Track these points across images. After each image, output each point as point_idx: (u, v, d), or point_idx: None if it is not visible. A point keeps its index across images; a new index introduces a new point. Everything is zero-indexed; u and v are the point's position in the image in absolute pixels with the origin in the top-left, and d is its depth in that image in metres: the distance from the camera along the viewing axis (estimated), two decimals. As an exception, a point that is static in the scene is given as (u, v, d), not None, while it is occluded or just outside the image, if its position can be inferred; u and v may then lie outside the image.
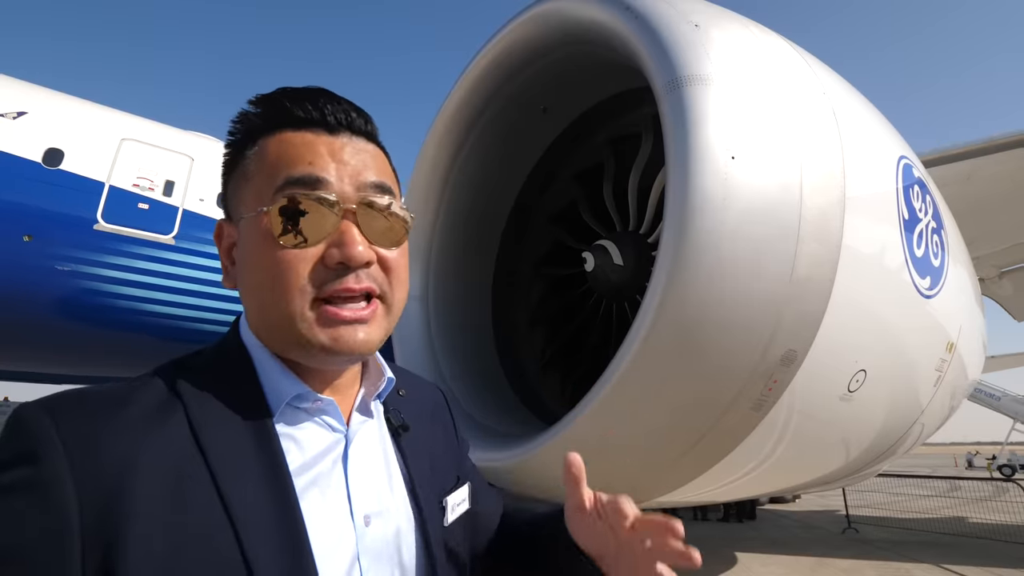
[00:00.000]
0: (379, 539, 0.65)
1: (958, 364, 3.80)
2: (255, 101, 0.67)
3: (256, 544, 0.53)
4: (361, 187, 0.65)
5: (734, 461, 2.64)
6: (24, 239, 6.11)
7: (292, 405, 0.65)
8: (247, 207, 0.65)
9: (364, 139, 0.69)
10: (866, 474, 4.51)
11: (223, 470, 0.55)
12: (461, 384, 3.68)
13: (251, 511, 0.54)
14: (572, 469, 0.73)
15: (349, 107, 0.68)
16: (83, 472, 0.49)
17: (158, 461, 0.52)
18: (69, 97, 7.08)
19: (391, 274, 0.68)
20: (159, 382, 0.60)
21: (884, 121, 3.37)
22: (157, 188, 7.03)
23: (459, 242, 4.03)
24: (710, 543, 7.65)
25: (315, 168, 0.63)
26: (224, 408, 0.60)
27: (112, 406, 0.55)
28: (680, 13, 2.54)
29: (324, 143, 0.65)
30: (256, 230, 0.63)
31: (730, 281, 2.21)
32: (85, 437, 0.51)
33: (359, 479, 0.66)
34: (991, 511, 9.77)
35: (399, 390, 0.80)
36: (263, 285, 0.63)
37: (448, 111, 3.75)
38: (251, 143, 0.67)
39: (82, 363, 8.05)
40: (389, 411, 0.76)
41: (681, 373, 2.29)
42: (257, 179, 0.65)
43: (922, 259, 3.05)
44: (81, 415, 0.53)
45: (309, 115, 0.65)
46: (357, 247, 0.62)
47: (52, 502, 0.47)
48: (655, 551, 0.66)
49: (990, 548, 7.09)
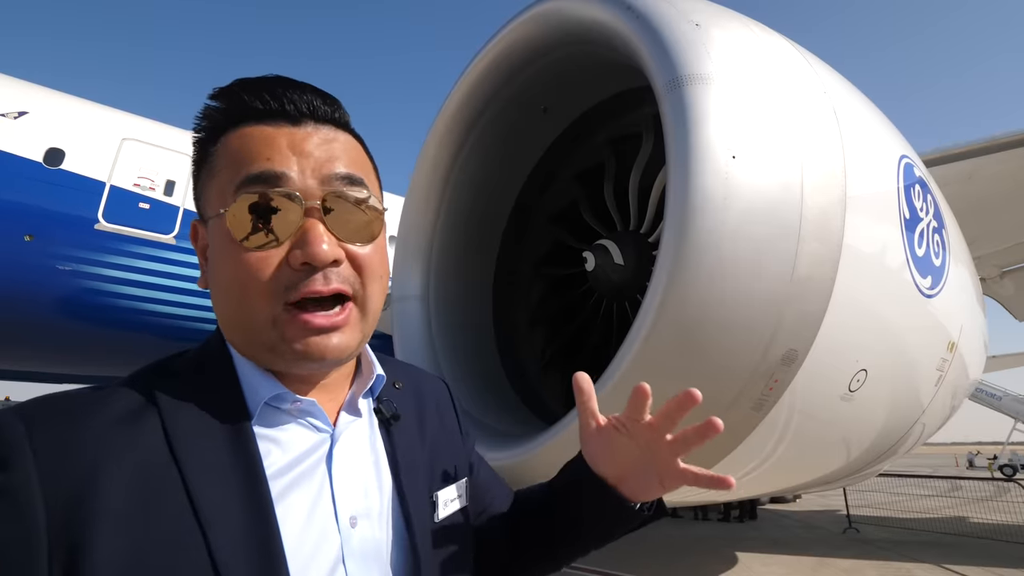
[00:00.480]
0: (366, 540, 0.63)
1: (959, 364, 3.80)
2: (214, 95, 0.64)
3: (225, 547, 0.52)
4: (326, 180, 0.62)
5: (735, 461, 2.63)
6: (25, 239, 6.12)
7: (272, 406, 0.63)
8: (212, 207, 0.63)
9: (332, 127, 0.66)
10: (867, 474, 4.51)
11: (194, 474, 0.54)
12: (462, 384, 3.69)
13: (221, 514, 0.53)
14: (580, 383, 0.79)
15: (313, 95, 0.65)
16: (52, 478, 0.49)
17: (128, 466, 0.52)
18: (70, 97, 7.08)
19: (364, 272, 0.64)
20: (137, 386, 0.59)
21: (885, 120, 3.36)
22: (158, 188, 7.04)
23: (460, 242, 4.03)
24: (710, 543, 7.65)
25: (273, 164, 0.60)
26: (200, 411, 0.59)
27: (87, 412, 0.54)
28: (681, 12, 2.54)
29: (285, 135, 0.62)
30: (220, 232, 0.61)
31: (731, 281, 2.20)
32: (57, 444, 0.51)
33: (345, 479, 0.64)
34: (992, 511, 9.76)
35: (394, 383, 0.78)
36: (230, 289, 0.61)
37: (449, 111, 3.75)
38: (213, 139, 0.64)
39: (83, 362, 8.07)
40: (381, 403, 0.74)
41: (682, 373, 2.28)
42: (219, 178, 0.62)
43: (923, 258, 3.05)
44: (56, 422, 0.52)
45: (268, 106, 0.62)
46: (321, 245, 0.58)
47: (20, 507, 0.47)
48: (677, 442, 0.71)
49: (991, 548, 7.08)
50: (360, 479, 0.66)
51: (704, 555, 6.81)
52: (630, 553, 6.55)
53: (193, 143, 0.68)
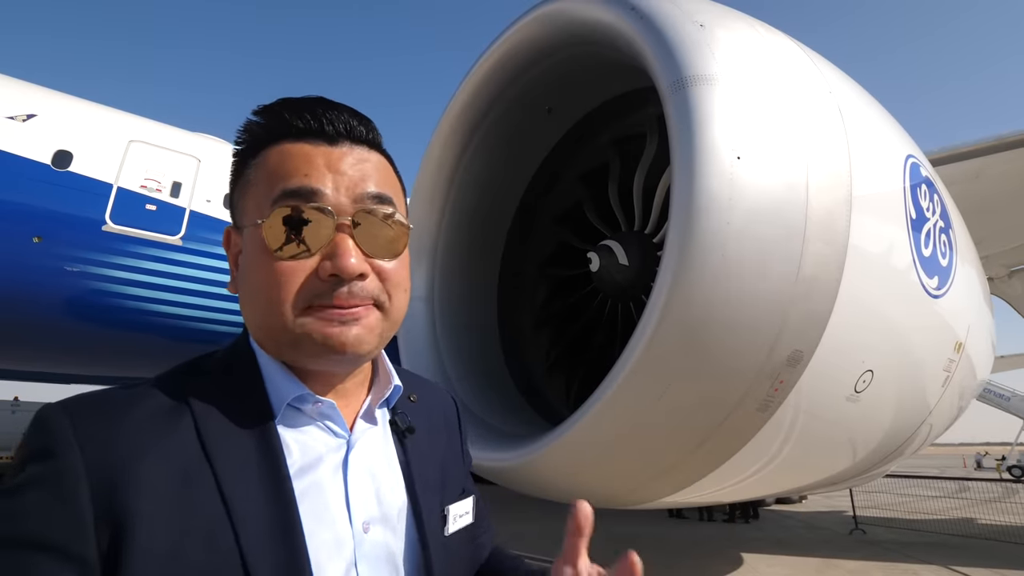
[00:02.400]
0: (378, 546, 0.65)
1: (966, 364, 3.77)
2: (257, 112, 0.68)
3: (254, 542, 0.55)
4: (358, 198, 0.65)
5: (740, 462, 2.63)
6: (34, 240, 6.18)
7: (294, 407, 0.66)
8: (248, 217, 0.66)
9: (366, 148, 0.69)
10: (873, 475, 4.49)
11: (225, 470, 0.57)
12: (466, 384, 3.70)
13: (251, 509, 0.56)
14: (579, 517, 0.63)
15: (350, 116, 0.68)
16: (96, 468, 0.52)
17: (164, 460, 0.55)
18: (78, 99, 7.14)
19: (388, 284, 0.67)
20: (170, 384, 0.63)
21: (891, 120, 3.35)
22: (164, 189, 7.09)
23: (464, 242, 4.04)
24: (715, 544, 7.63)
25: (311, 180, 0.63)
26: (229, 410, 0.62)
27: (125, 409, 0.58)
28: (685, 13, 2.54)
29: (322, 154, 0.65)
30: (254, 241, 0.64)
31: (736, 281, 2.20)
32: (99, 437, 0.55)
33: (359, 485, 0.66)
34: (1000, 512, 9.68)
35: (410, 395, 0.80)
36: (260, 294, 0.64)
37: (453, 111, 3.76)
38: (254, 153, 0.68)
39: (91, 363, 8.13)
40: (396, 415, 0.76)
41: (686, 373, 2.29)
42: (257, 190, 0.66)
43: (930, 258, 3.03)
44: (97, 417, 0.56)
45: (308, 125, 0.66)
46: (349, 259, 0.61)
47: (68, 492, 0.51)
48: None
49: (999, 550, 7.02)
50: (374, 486, 0.68)
51: (709, 556, 6.79)
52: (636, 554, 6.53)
53: (233, 155, 0.71)
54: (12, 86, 6.61)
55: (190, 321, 7.30)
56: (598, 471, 2.68)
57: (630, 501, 2.96)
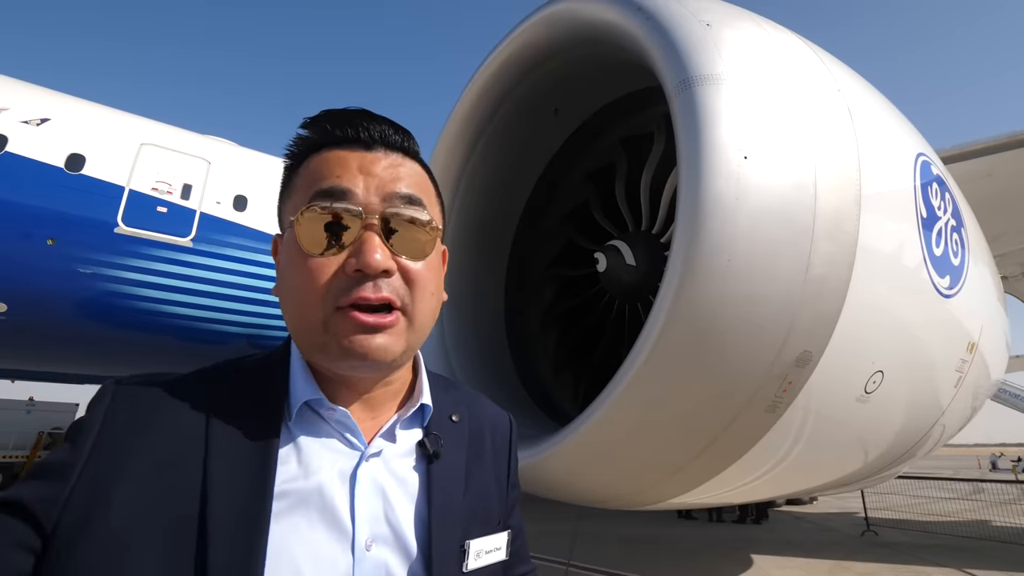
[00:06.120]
0: (379, 566, 0.62)
1: (980, 364, 3.73)
2: (304, 124, 0.72)
3: (216, 522, 0.56)
4: (388, 198, 0.67)
5: (749, 463, 2.61)
6: (48, 242, 6.28)
7: (316, 413, 0.67)
8: (286, 220, 0.70)
9: (401, 154, 0.71)
10: (885, 476, 4.44)
11: (216, 465, 0.59)
12: (473, 384, 3.70)
13: (224, 486, 0.58)
14: None
15: (387, 125, 0.71)
16: (101, 445, 0.58)
17: (164, 443, 0.59)
18: (90, 103, 7.24)
19: (414, 286, 0.67)
20: (206, 378, 0.67)
21: (901, 118, 3.31)
22: (175, 191, 7.17)
23: (472, 243, 4.05)
24: (725, 545, 7.58)
25: (342, 180, 0.66)
26: (242, 407, 0.64)
27: (158, 397, 0.63)
28: (691, 12, 2.53)
29: (356, 158, 0.68)
30: (290, 240, 0.67)
31: (743, 281, 2.19)
32: (124, 415, 0.60)
33: (368, 500, 0.64)
34: (1016, 514, 9.53)
35: (451, 415, 0.78)
36: (292, 292, 0.66)
37: (460, 113, 3.77)
38: (298, 163, 0.72)
39: (102, 363, 8.23)
40: (428, 436, 0.73)
41: (694, 374, 2.28)
42: (296, 193, 0.69)
43: (941, 258, 3.00)
44: (131, 402, 0.62)
45: (346, 134, 0.69)
46: (374, 255, 0.63)
47: (81, 449, 0.57)
48: None
49: (1015, 553, 6.93)
50: (384, 505, 0.66)
51: (719, 557, 6.75)
52: (645, 555, 6.52)
53: (284, 167, 0.75)
54: (26, 90, 6.72)
55: (199, 322, 7.38)
56: (606, 472, 2.68)
57: (638, 502, 2.95)
